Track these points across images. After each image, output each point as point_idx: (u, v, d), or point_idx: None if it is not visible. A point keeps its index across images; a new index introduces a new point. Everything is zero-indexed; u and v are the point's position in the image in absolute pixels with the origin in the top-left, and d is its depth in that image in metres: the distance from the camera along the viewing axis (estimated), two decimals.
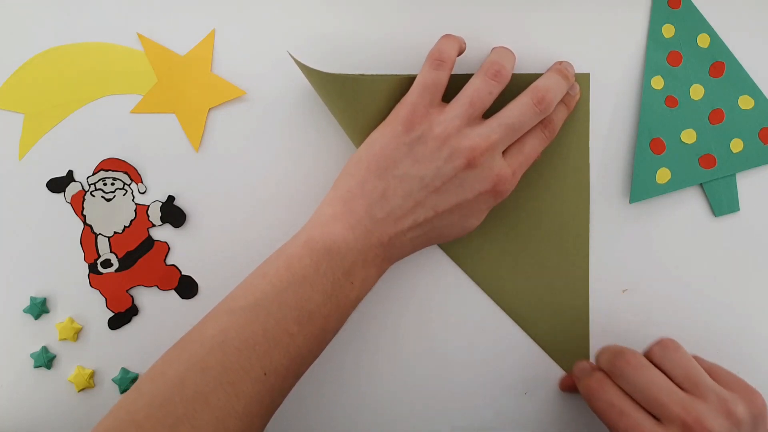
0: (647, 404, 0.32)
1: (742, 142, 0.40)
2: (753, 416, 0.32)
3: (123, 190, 0.40)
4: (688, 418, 0.31)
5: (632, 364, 0.33)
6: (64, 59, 0.40)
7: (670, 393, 0.32)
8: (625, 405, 0.33)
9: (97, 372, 0.40)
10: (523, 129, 0.35)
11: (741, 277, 0.41)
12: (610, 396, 0.33)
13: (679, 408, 0.31)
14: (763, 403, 0.33)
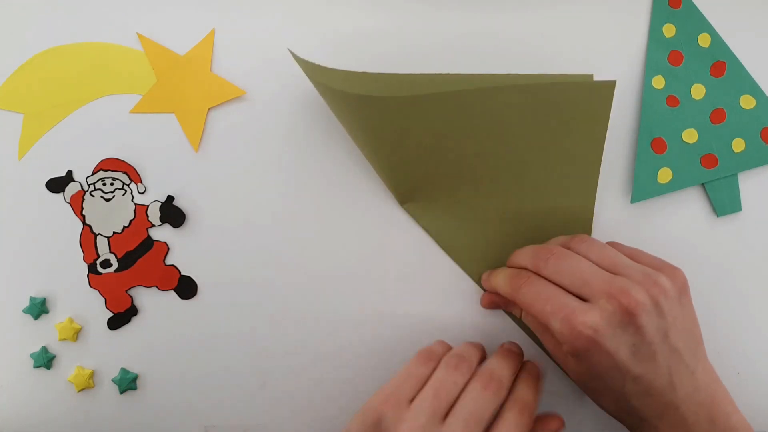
0: (573, 287, 0.33)
1: (744, 142, 0.40)
2: (677, 287, 0.33)
3: (122, 190, 0.40)
4: (612, 290, 0.31)
5: (555, 254, 0.34)
6: (64, 59, 0.40)
7: (594, 273, 0.32)
8: (551, 291, 0.33)
9: (97, 372, 0.40)
10: (486, 420, 0.32)
11: (743, 277, 0.40)
12: (536, 287, 0.34)
13: (603, 284, 0.32)
14: (684, 277, 0.33)
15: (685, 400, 0.32)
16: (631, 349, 0.31)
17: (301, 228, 0.40)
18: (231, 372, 0.40)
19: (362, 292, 0.40)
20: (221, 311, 0.40)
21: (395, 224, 0.40)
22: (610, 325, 0.31)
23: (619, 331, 0.31)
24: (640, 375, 0.32)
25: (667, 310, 0.32)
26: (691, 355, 0.33)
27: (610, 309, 0.31)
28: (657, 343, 0.32)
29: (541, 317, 0.33)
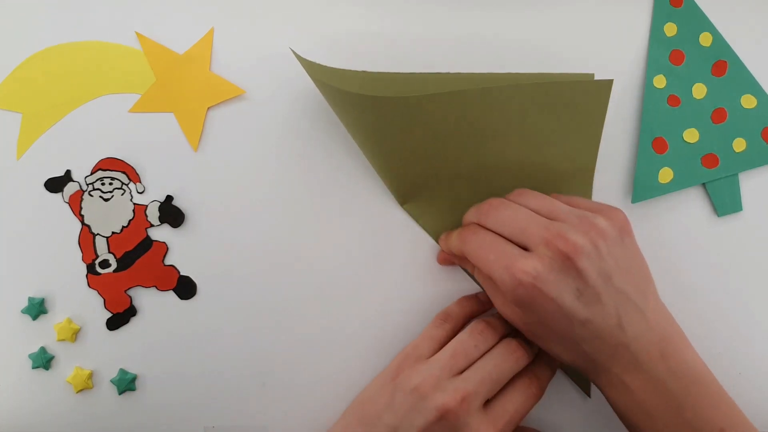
0: (513, 236, 0.33)
1: (745, 142, 0.40)
2: (617, 229, 0.33)
3: (121, 190, 0.40)
4: (549, 235, 0.31)
5: (494, 205, 0.34)
6: (62, 58, 0.40)
7: (531, 220, 0.33)
8: (493, 240, 0.33)
9: (96, 373, 0.40)
10: (502, 381, 0.34)
11: (744, 277, 0.40)
12: (480, 237, 0.34)
13: (541, 230, 0.32)
14: (624, 217, 0.34)
15: (635, 339, 0.32)
16: (574, 293, 0.31)
17: (301, 228, 0.40)
18: (231, 372, 0.40)
19: (362, 291, 0.40)
20: (220, 311, 0.40)
21: (395, 224, 0.40)
22: (551, 271, 0.31)
23: (560, 276, 0.31)
24: (587, 319, 0.32)
25: (606, 252, 0.32)
26: (639, 295, 0.33)
27: (549, 255, 0.31)
28: (600, 286, 0.32)
29: (485, 267, 0.33)
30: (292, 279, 0.40)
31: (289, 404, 0.40)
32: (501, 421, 0.33)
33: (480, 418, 0.32)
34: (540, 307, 0.32)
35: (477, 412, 0.32)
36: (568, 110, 0.36)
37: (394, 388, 0.34)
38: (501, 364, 0.34)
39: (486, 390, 0.33)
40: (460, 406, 0.32)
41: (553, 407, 0.40)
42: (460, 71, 0.37)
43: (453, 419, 0.32)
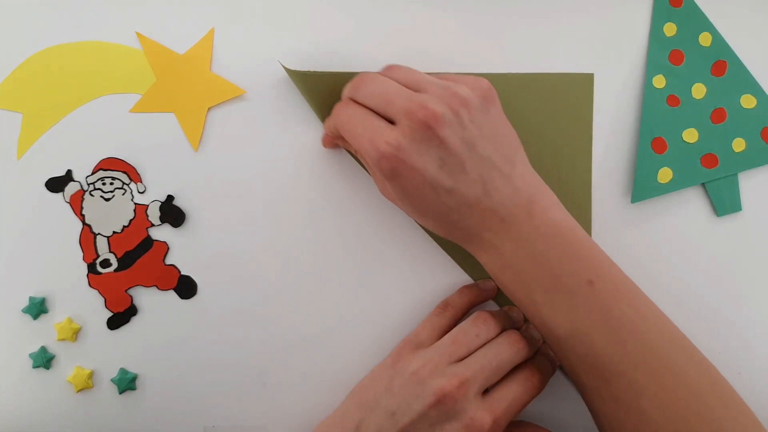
0: (380, 109, 0.33)
1: (745, 142, 0.40)
2: (479, 97, 0.33)
3: (122, 190, 0.40)
4: (411, 105, 0.32)
5: (364, 79, 0.34)
6: (63, 58, 0.40)
7: (397, 92, 0.33)
8: (361, 114, 0.33)
9: (96, 372, 0.40)
10: (502, 369, 0.34)
11: (743, 277, 0.40)
12: (350, 110, 0.34)
13: (404, 101, 0.32)
14: (488, 86, 0.34)
15: (502, 204, 0.32)
16: (438, 162, 0.32)
17: (301, 227, 0.40)
18: (231, 372, 0.40)
19: (362, 291, 0.40)
20: (221, 311, 0.40)
21: (395, 223, 0.40)
22: (413, 142, 0.31)
23: (423, 146, 0.31)
24: (451, 188, 0.32)
25: (469, 120, 0.32)
26: (505, 162, 0.33)
27: (411, 125, 0.31)
28: (463, 153, 0.32)
29: (353, 141, 0.34)
30: (292, 279, 0.40)
31: (289, 404, 0.40)
32: (498, 409, 0.33)
33: (477, 404, 0.32)
34: (405, 179, 0.32)
35: (475, 398, 0.33)
36: (553, 104, 0.38)
37: (394, 373, 0.34)
38: (501, 354, 0.34)
39: (485, 377, 0.33)
40: (458, 390, 0.32)
41: (552, 403, 0.40)
42: (461, 71, 0.37)
43: (450, 403, 0.32)
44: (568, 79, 0.39)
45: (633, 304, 0.32)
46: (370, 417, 0.34)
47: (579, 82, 0.39)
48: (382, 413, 0.33)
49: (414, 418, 0.32)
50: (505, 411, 0.33)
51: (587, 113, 0.39)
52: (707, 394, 0.32)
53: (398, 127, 0.32)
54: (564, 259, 0.32)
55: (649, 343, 0.32)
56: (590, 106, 0.39)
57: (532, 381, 0.35)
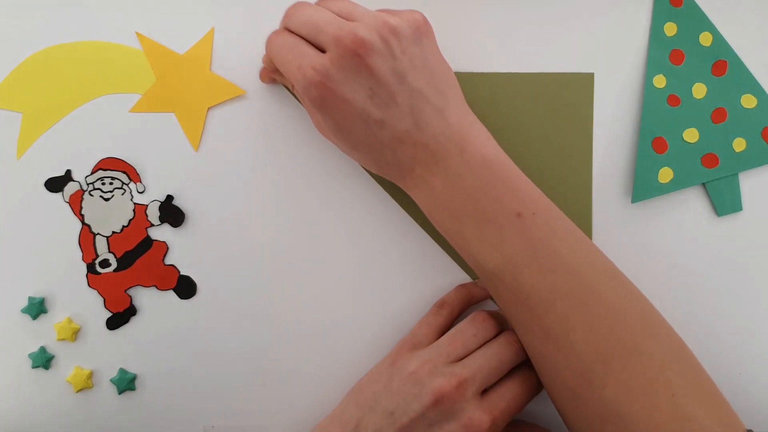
0: (311, 37, 0.32)
1: (745, 142, 0.40)
2: (412, 28, 0.32)
3: (121, 190, 0.40)
4: (341, 32, 0.31)
5: (297, 6, 0.34)
6: (63, 58, 0.40)
7: (329, 20, 0.32)
8: (292, 41, 0.33)
9: (96, 372, 0.40)
10: (501, 370, 0.34)
11: (744, 277, 0.40)
12: (282, 38, 0.34)
13: (335, 29, 0.31)
14: (422, 18, 0.33)
15: (434, 138, 0.32)
16: (367, 92, 0.31)
17: (301, 227, 0.40)
18: (231, 372, 0.40)
19: (362, 291, 0.40)
20: (221, 311, 0.40)
21: (395, 223, 0.40)
22: (340, 69, 0.31)
23: (351, 75, 0.31)
24: (381, 119, 0.32)
25: (400, 51, 0.32)
26: (438, 96, 0.32)
27: (339, 52, 0.31)
28: (394, 84, 0.31)
29: (283, 69, 0.33)
30: (292, 278, 0.40)
31: (289, 404, 0.40)
32: (497, 410, 0.33)
33: (476, 405, 0.32)
34: (334, 109, 0.32)
35: (473, 398, 0.32)
36: (553, 104, 0.38)
37: (392, 373, 0.34)
38: (500, 354, 0.34)
39: (483, 377, 0.33)
40: (456, 391, 0.32)
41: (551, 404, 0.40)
42: (462, 71, 0.37)
43: (448, 404, 0.32)
44: (568, 78, 0.39)
45: (563, 237, 0.32)
46: (369, 416, 0.34)
47: (579, 81, 0.39)
48: (381, 413, 0.33)
49: (413, 418, 0.32)
50: (503, 411, 0.33)
51: (587, 113, 0.39)
52: (634, 324, 0.32)
53: (327, 55, 0.31)
54: (492, 191, 0.32)
55: (579, 276, 0.31)
56: (590, 106, 0.39)
57: (531, 381, 0.35)
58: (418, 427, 0.32)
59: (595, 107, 0.40)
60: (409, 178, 0.34)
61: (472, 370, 0.33)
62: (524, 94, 0.39)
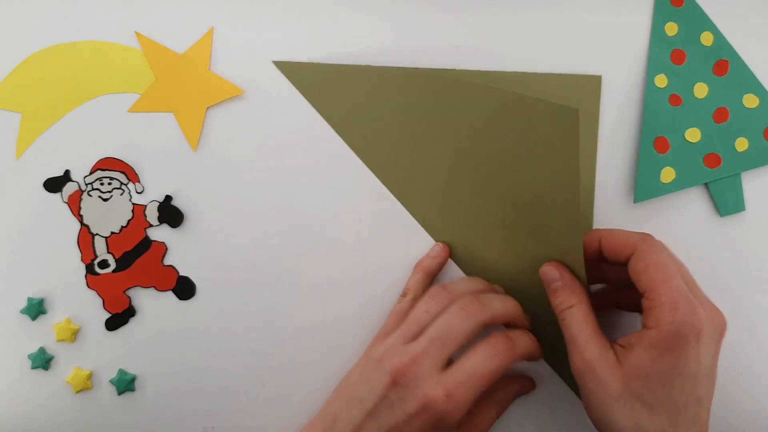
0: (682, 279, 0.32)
1: (747, 141, 0.40)
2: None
3: (120, 190, 0.40)
4: (714, 307, 0.32)
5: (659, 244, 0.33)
6: (61, 58, 0.40)
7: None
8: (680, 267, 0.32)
9: (95, 373, 0.40)
10: (454, 338, 0.33)
11: (746, 278, 0.40)
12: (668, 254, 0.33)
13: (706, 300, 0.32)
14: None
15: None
16: (707, 365, 0.31)
17: (301, 227, 0.40)
18: (230, 372, 0.40)
19: (362, 291, 0.40)
20: (220, 311, 0.40)
21: (395, 223, 0.40)
22: (709, 331, 0.30)
23: (711, 343, 0.31)
24: (699, 397, 0.31)
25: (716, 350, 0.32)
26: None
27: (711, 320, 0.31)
28: (710, 375, 0.31)
29: (662, 284, 0.31)
30: (291, 279, 0.40)
31: (289, 404, 0.40)
32: (451, 382, 0.32)
33: (432, 380, 0.32)
34: (683, 359, 0.30)
35: (430, 374, 0.32)
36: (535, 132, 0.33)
37: (364, 364, 0.35)
38: (449, 323, 0.33)
39: (436, 350, 0.33)
40: (410, 368, 0.32)
41: (544, 406, 0.40)
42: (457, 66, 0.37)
43: (404, 382, 0.32)
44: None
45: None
46: (345, 408, 0.34)
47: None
48: (354, 402, 0.34)
49: (376, 402, 0.33)
50: (461, 383, 0.32)
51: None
52: None
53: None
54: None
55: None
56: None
57: (496, 348, 0.33)
58: (382, 409, 0.33)
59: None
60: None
61: (424, 345, 0.33)
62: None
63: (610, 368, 0.31)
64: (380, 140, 0.39)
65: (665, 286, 0.30)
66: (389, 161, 0.40)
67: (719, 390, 0.40)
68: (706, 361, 0.31)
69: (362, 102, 0.39)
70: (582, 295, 0.34)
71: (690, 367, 0.30)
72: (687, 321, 0.30)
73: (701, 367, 0.30)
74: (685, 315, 0.30)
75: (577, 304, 0.33)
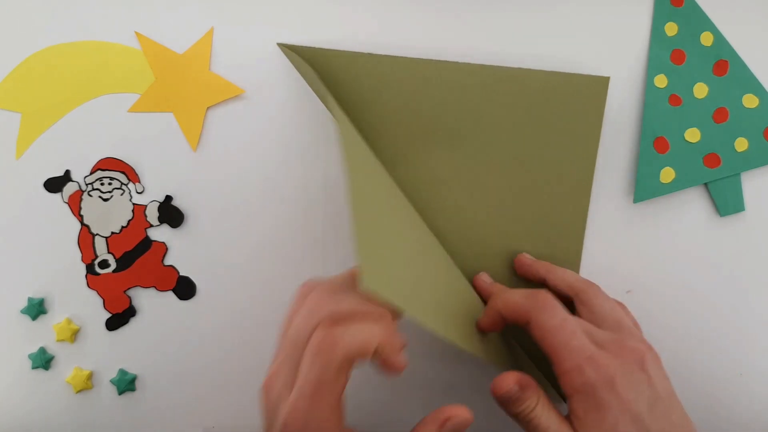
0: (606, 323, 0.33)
1: (747, 141, 0.40)
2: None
3: (120, 190, 0.40)
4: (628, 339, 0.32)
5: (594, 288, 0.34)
6: (61, 58, 0.40)
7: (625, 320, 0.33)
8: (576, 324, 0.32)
9: (95, 373, 0.40)
10: (298, 339, 0.29)
11: (746, 277, 0.40)
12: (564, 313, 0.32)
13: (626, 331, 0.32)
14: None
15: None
16: (647, 401, 0.30)
17: (300, 227, 0.40)
18: (230, 372, 0.40)
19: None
20: (220, 311, 0.40)
21: None
22: (626, 372, 0.30)
23: (634, 380, 0.31)
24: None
25: (664, 374, 0.32)
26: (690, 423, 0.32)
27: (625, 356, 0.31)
28: (665, 399, 0.31)
29: (561, 351, 0.31)
30: (291, 279, 0.40)
31: None
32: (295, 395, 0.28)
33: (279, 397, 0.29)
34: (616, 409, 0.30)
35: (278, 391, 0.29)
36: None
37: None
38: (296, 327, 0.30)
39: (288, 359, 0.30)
40: (269, 383, 0.30)
41: None
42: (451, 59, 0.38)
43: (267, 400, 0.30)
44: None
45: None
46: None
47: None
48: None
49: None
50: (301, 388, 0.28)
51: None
52: None
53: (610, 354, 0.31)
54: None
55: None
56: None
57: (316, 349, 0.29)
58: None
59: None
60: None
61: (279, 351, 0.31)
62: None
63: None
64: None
65: (566, 352, 0.31)
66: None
67: (719, 390, 0.40)
68: (641, 396, 0.31)
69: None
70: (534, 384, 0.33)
71: (626, 412, 0.30)
72: (594, 379, 0.30)
73: (640, 405, 0.30)
74: (590, 375, 0.30)
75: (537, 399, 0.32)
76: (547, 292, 0.33)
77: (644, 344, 0.32)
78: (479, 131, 0.38)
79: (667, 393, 0.31)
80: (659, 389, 0.31)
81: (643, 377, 0.31)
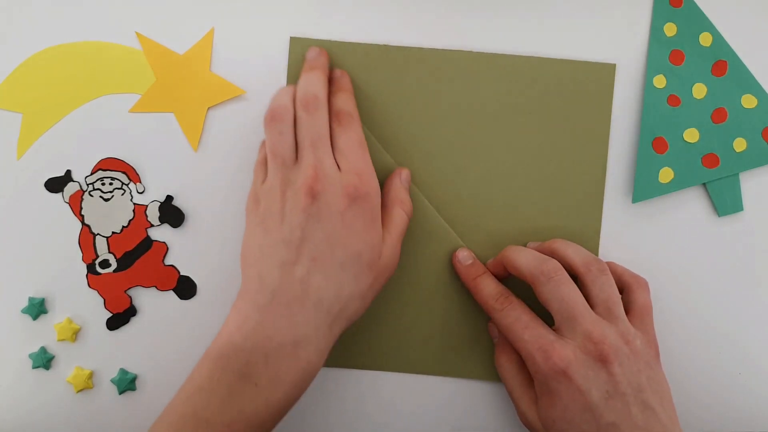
0: (558, 315, 0.34)
1: (745, 142, 0.40)
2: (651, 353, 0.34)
3: (121, 190, 0.40)
4: (594, 332, 0.33)
5: (555, 279, 0.34)
6: (62, 58, 0.40)
7: (584, 310, 0.34)
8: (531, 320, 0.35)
9: (96, 372, 0.40)
10: (320, 133, 0.34)
11: (744, 278, 0.40)
12: (516, 312, 0.35)
13: (589, 325, 0.33)
14: (657, 347, 0.35)
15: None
16: (603, 394, 0.32)
17: None
18: None
19: None
20: (220, 311, 0.40)
21: None
22: (582, 366, 0.32)
23: (591, 373, 0.32)
24: (612, 422, 0.32)
25: (638, 369, 0.33)
26: (667, 418, 0.33)
27: (586, 349, 0.32)
28: (630, 395, 0.32)
29: (517, 343, 0.35)
30: None
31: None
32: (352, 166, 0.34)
33: (338, 175, 0.34)
34: (567, 397, 0.32)
35: (334, 171, 0.34)
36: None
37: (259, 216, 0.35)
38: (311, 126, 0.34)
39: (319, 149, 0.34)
40: (317, 178, 0.33)
41: None
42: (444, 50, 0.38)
43: (320, 189, 0.33)
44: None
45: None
46: (266, 262, 0.33)
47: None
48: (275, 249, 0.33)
49: (303, 224, 0.33)
50: (356, 161, 0.34)
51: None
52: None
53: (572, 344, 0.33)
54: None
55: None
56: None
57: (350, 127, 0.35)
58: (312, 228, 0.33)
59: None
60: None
61: (312, 156, 0.33)
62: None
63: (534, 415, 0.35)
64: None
65: (521, 343, 0.34)
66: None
67: (720, 390, 0.40)
68: (597, 388, 0.32)
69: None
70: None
71: (577, 401, 0.32)
72: (545, 368, 0.33)
73: (593, 396, 0.32)
74: (541, 364, 0.33)
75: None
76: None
77: (622, 338, 0.33)
78: (495, 117, 0.39)
79: (635, 389, 0.32)
80: (622, 384, 0.32)
81: (602, 370, 0.32)
